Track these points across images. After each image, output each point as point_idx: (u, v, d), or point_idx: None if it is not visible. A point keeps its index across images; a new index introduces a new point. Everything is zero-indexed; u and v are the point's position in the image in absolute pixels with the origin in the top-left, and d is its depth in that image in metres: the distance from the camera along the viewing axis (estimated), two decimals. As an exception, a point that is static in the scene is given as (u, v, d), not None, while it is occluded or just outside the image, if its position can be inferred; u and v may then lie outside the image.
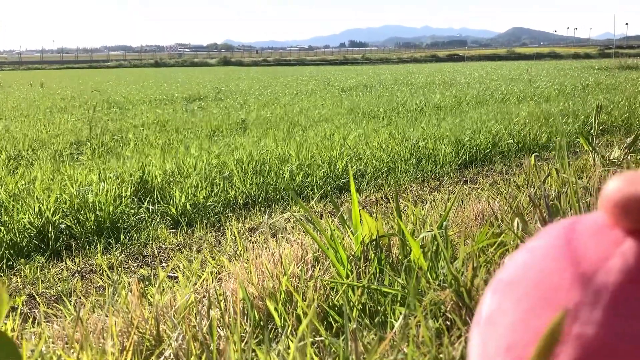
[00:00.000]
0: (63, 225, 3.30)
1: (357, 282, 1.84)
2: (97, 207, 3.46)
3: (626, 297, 0.23)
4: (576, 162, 4.49)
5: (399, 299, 1.80)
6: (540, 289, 0.25)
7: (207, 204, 3.82)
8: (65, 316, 1.94)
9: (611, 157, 4.14)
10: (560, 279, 0.25)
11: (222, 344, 1.57)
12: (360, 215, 2.10)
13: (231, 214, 3.76)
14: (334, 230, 2.07)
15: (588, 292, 0.23)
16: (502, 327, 0.26)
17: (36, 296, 2.50)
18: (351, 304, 1.79)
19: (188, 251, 3.08)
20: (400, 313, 1.68)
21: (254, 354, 1.56)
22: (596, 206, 0.27)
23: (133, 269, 2.89)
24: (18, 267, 2.88)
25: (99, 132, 7.08)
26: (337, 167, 4.63)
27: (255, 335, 1.71)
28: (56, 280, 2.72)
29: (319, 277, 1.94)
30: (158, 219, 3.62)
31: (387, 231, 2.25)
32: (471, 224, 2.74)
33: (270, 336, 1.72)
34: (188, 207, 3.71)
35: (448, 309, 1.70)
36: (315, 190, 4.20)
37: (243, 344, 1.58)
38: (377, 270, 2.01)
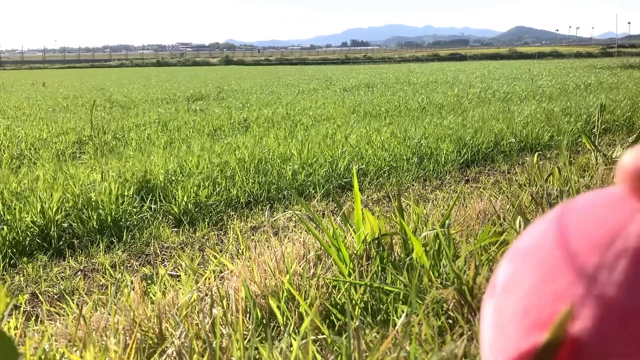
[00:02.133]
0: (65, 224, 3.31)
1: (360, 281, 1.85)
2: (100, 206, 3.46)
3: None
4: (578, 161, 4.48)
5: (401, 297, 1.80)
6: (557, 254, 0.26)
7: (209, 202, 3.82)
8: (68, 314, 1.94)
9: (613, 156, 4.13)
10: (578, 245, 0.25)
11: (225, 341, 1.58)
12: (363, 213, 2.11)
13: (233, 213, 3.76)
14: (336, 229, 2.07)
15: (607, 256, 0.24)
16: (519, 293, 0.27)
17: (39, 294, 2.51)
18: (353, 302, 1.79)
19: (190, 250, 3.08)
20: (403, 311, 1.68)
21: (256, 351, 1.56)
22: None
23: (135, 267, 2.90)
24: (21, 265, 2.88)
25: (100, 131, 7.09)
26: (339, 166, 4.63)
27: (257, 333, 1.71)
28: (59, 278, 2.73)
29: (321, 276, 1.94)
30: (160, 218, 3.62)
31: (389, 230, 2.25)
32: (473, 222, 2.74)
33: (273, 334, 1.72)
34: (190, 206, 3.72)
35: (450, 307, 1.70)
36: (317, 190, 4.20)
37: (246, 341, 1.58)
38: (379, 268, 2.02)
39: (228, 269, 2.24)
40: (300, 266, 2.03)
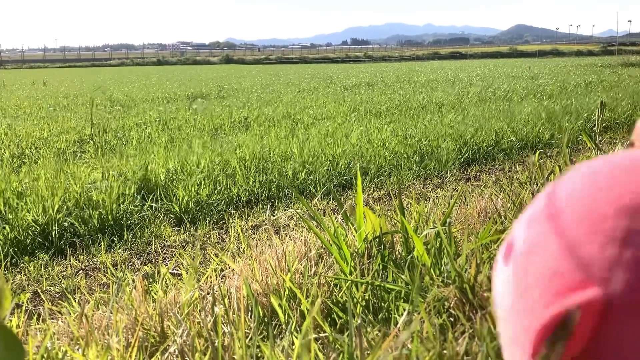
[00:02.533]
0: (67, 223, 3.31)
1: (361, 279, 1.85)
2: (101, 205, 3.47)
3: None
4: (579, 159, 4.48)
5: (402, 295, 1.80)
6: (586, 218, 0.25)
7: (210, 201, 3.82)
8: (70, 313, 1.95)
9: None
10: (607, 209, 0.25)
11: (227, 340, 1.58)
12: (364, 212, 2.11)
13: (234, 212, 3.77)
14: (337, 227, 2.08)
15: (638, 219, 0.23)
16: (546, 256, 0.26)
17: (41, 293, 2.52)
18: (355, 300, 1.79)
19: (192, 249, 3.09)
20: (404, 309, 1.69)
21: (258, 350, 1.56)
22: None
23: (137, 266, 2.90)
24: (22, 264, 2.89)
25: (101, 130, 7.10)
26: (340, 164, 4.63)
27: (259, 331, 1.72)
28: (60, 277, 2.73)
29: (323, 274, 1.94)
30: (161, 217, 3.63)
31: (390, 228, 2.25)
32: (474, 221, 2.74)
33: (275, 332, 1.72)
34: (191, 204, 3.72)
35: (452, 305, 1.71)
36: (318, 188, 4.20)
37: (248, 340, 1.58)
38: (381, 267, 2.02)
39: (229, 268, 2.24)
40: (301, 264, 2.03)
